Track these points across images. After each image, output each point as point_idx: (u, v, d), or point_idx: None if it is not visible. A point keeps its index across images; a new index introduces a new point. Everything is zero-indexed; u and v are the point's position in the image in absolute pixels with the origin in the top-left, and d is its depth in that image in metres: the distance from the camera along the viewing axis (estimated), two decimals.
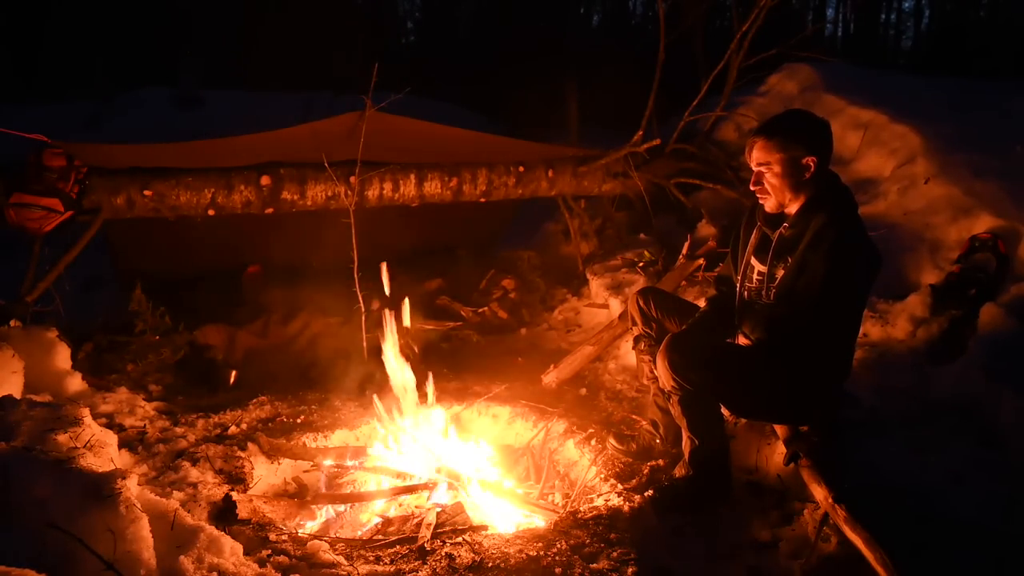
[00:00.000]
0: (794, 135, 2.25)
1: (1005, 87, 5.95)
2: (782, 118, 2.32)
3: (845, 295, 2.19)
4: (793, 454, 2.21)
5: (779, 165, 2.25)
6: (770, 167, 2.26)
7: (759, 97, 6.03)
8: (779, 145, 2.24)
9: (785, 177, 2.25)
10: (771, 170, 2.26)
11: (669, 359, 2.31)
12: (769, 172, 2.27)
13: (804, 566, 2.09)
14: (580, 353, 3.70)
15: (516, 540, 2.26)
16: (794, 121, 2.30)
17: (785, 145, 2.24)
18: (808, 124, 2.27)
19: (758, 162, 2.29)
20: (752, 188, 2.35)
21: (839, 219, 2.20)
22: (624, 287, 4.38)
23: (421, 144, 4.34)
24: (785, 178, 2.26)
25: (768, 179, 2.28)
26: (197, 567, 1.85)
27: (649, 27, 15.56)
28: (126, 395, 3.34)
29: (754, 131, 2.33)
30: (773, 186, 2.28)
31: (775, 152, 2.25)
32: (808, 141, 2.24)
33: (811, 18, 16.52)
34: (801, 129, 2.26)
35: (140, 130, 8.60)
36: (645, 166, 4.94)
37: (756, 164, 2.30)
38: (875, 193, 4.28)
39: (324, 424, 3.27)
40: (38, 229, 3.41)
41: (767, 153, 2.26)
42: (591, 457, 2.89)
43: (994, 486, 2.28)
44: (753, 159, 2.31)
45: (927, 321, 3.19)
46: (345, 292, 3.67)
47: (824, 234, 2.18)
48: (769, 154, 2.26)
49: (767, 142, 2.26)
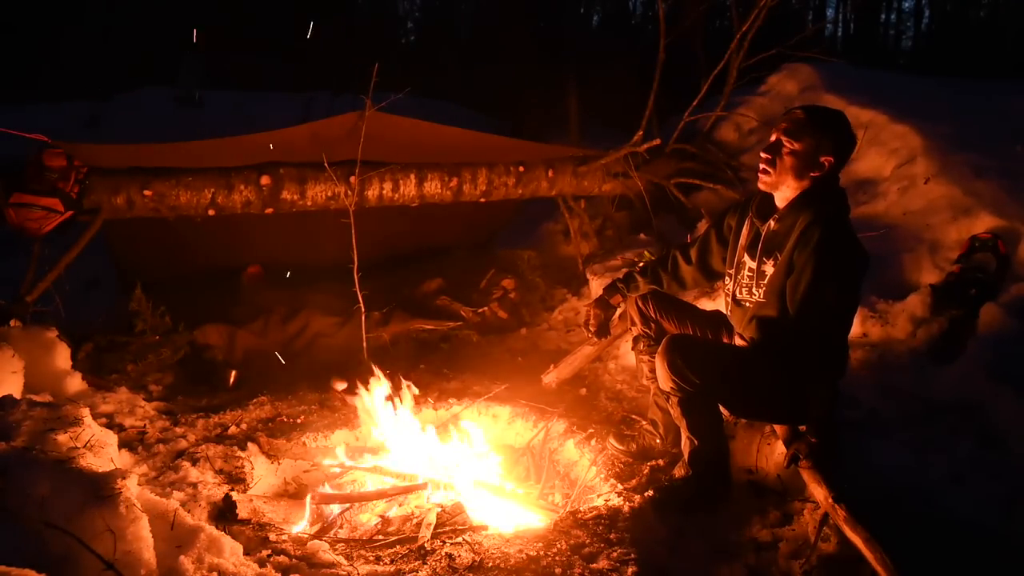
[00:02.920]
0: (831, 130, 2.21)
1: (1005, 87, 5.96)
2: (829, 111, 2.28)
3: (831, 294, 2.17)
4: (793, 454, 2.21)
5: (801, 147, 2.20)
6: (792, 143, 2.21)
7: (759, 97, 6.03)
8: (814, 129, 2.20)
9: (799, 160, 2.21)
10: (792, 146, 2.21)
11: (668, 360, 2.31)
12: (788, 147, 2.22)
13: (804, 566, 2.09)
14: (580, 353, 3.70)
15: (516, 540, 2.26)
16: (837, 120, 2.25)
17: (819, 133, 2.20)
18: (845, 130, 2.23)
19: (785, 131, 2.23)
20: (763, 153, 2.28)
21: (825, 218, 2.19)
22: None
23: (421, 144, 4.34)
24: (799, 161, 2.21)
25: (783, 152, 2.23)
26: (197, 567, 1.85)
27: (649, 27, 15.55)
28: (126, 395, 3.34)
29: (800, 106, 2.28)
30: (782, 163, 2.23)
31: (806, 134, 2.20)
32: (837, 143, 2.22)
33: (811, 18, 16.52)
34: (839, 129, 2.23)
35: (140, 130, 8.59)
36: (645, 166, 4.94)
37: (783, 133, 2.24)
38: (875, 193, 4.28)
39: (324, 424, 3.27)
40: (38, 229, 3.41)
41: (799, 129, 2.21)
42: (591, 457, 2.89)
43: (994, 486, 2.28)
44: (782, 128, 2.25)
45: (927, 321, 3.18)
46: (345, 292, 3.67)
47: (810, 233, 2.18)
48: (800, 131, 2.21)
49: (807, 121, 2.21)
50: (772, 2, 4.59)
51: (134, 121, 9.75)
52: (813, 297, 2.16)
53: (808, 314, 2.19)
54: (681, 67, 5.63)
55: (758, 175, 2.32)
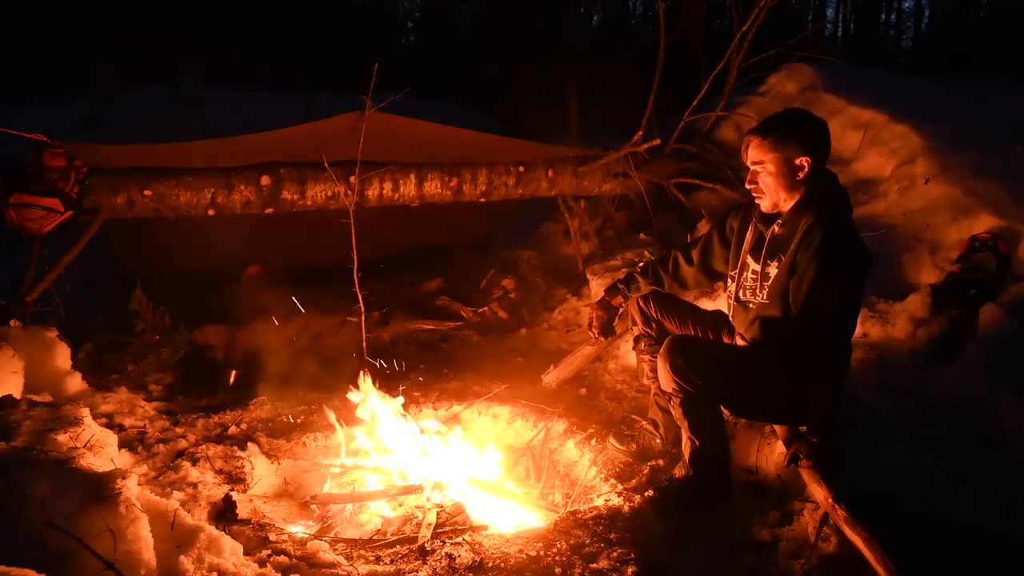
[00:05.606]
0: (789, 135, 2.25)
1: (1005, 87, 5.96)
2: (778, 117, 2.33)
3: (835, 295, 2.18)
4: (793, 454, 2.21)
5: (773, 164, 2.25)
6: (764, 166, 2.27)
7: (759, 97, 6.03)
8: (773, 144, 2.25)
9: (779, 176, 2.26)
10: (765, 169, 2.27)
11: (671, 362, 2.31)
12: (763, 171, 2.27)
13: (804, 566, 2.09)
14: (580, 353, 3.70)
15: (516, 540, 2.26)
16: (789, 121, 2.30)
17: (779, 144, 2.24)
18: (804, 124, 2.27)
19: (753, 160, 2.30)
20: (748, 187, 2.35)
21: (828, 219, 2.20)
22: None
23: (421, 144, 4.34)
24: (779, 177, 2.26)
25: (762, 178, 2.29)
26: (197, 567, 1.85)
27: (649, 27, 15.56)
28: (126, 395, 3.34)
29: (750, 130, 2.33)
30: (767, 185, 2.29)
31: (769, 151, 2.25)
32: (802, 141, 2.24)
33: (811, 18, 16.53)
34: (796, 129, 2.26)
35: (140, 130, 8.59)
36: (645, 166, 4.94)
37: (751, 163, 2.31)
38: (875, 193, 4.28)
39: (324, 424, 3.26)
40: (38, 229, 3.41)
41: (761, 152, 2.27)
42: (591, 457, 2.89)
43: (994, 486, 2.27)
44: (748, 157, 2.31)
45: (927, 321, 3.18)
46: (345, 292, 3.66)
47: (813, 234, 2.19)
48: (763, 153, 2.26)
49: (761, 141, 2.27)
50: (772, 2, 4.59)
51: (134, 121, 9.75)
52: (816, 297, 2.17)
53: (811, 314, 2.19)
54: (681, 67, 5.62)
55: (755, 200, 2.38)
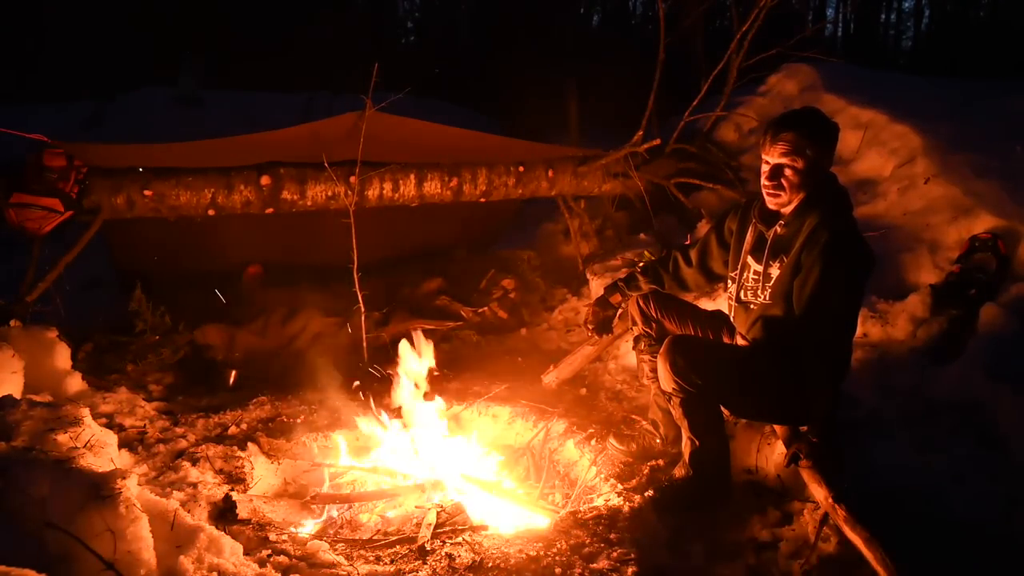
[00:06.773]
0: (824, 135, 2.21)
1: (1005, 87, 5.95)
2: (810, 116, 2.24)
3: (839, 296, 2.18)
4: (793, 454, 2.21)
5: (805, 162, 2.18)
6: (796, 162, 2.18)
7: (759, 97, 6.03)
8: (812, 143, 2.18)
9: (805, 175, 2.19)
10: (796, 165, 2.19)
11: (671, 361, 2.31)
12: (793, 168, 2.19)
13: (804, 566, 2.09)
14: (580, 353, 3.70)
15: (516, 540, 2.26)
16: (822, 121, 2.23)
17: (815, 143, 2.18)
18: (831, 125, 2.22)
19: (784, 153, 2.19)
20: (767, 182, 2.24)
21: (832, 219, 2.19)
22: None
23: (421, 144, 4.34)
24: (805, 176, 2.20)
25: (788, 175, 2.20)
26: (197, 567, 1.85)
27: (649, 27, 15.55)
28: (126, 395, 3.34)
29: (782, 124, 2.21)
30: (791, 183, 2.21)
31: (808, 149, 2.17)
32: (833, 142, 2.22)
33: (811, 18, 16.51)
34: (829, 129, 2.22)
35: (140, 130, 8.59)
36: (645, 166, 4.94)
37: (781, 156, 2.20)
38: (875, 193, 4.28)
39: (324, 424, 3.27)
40: (38, 229, 3.41)
41: (798, 148, 2.17)
42: (591, 457, 2.89)
43: (994, 486, 2.28)
44: (777, 152, 2.20)
45: (927, 321, 3.18)
46: (345, 292, 3.66)
47: (818, 235, 2.18)
48: (800, 150, 2.17)
49: (801, 139, 2.17)
50: (772, 2, 4.59)
51: (134, 121, 9.74)
52: (820, 297, 2.16)
53: (814, 314, 2.19)
54: (681, 67, 5.62)
55: (767, 198, 2.30)
